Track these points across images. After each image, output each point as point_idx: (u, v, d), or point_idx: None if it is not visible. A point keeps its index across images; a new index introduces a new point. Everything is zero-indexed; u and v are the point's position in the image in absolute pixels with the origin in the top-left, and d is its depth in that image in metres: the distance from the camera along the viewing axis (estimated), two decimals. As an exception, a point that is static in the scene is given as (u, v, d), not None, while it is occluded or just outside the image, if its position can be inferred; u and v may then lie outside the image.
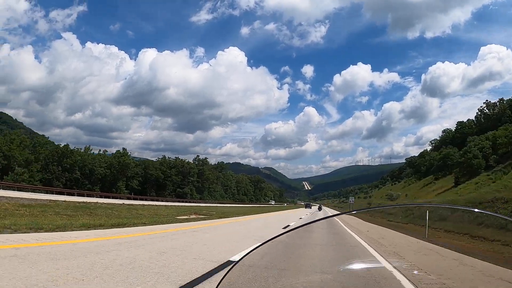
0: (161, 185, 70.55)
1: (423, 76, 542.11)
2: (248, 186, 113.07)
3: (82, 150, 60.60)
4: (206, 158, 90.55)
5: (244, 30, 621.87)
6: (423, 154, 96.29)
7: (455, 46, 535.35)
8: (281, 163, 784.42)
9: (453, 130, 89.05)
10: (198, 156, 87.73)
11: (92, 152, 62.59)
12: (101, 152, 65.69)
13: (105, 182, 59.50)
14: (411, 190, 79.01)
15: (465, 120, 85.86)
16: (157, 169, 70.48)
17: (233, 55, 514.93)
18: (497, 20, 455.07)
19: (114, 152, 67.26)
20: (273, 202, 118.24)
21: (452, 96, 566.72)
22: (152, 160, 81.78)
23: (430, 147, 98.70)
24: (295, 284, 3.03)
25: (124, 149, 66.63)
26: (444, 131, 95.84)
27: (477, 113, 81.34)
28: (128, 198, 46.05)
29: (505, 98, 74.00)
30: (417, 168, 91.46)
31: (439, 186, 66.47)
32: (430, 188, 69.82)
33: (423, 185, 76.91)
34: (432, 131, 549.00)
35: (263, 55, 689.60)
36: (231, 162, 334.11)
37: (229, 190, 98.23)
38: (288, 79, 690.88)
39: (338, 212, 19.81)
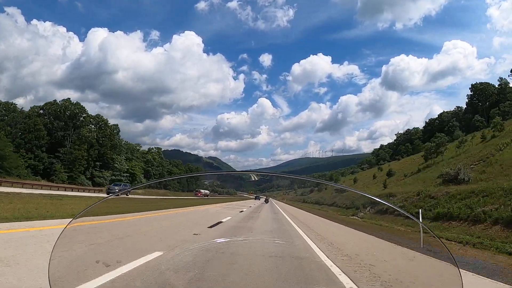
0: None
1: (384, 68, 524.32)
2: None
3: None
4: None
5: (201, 6, 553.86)
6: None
7: (420, 41, 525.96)
8: (231, 155, 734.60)
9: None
10: None
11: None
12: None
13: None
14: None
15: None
16: None
17: (190, 40, 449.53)
18: (465, 18, 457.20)
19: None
20: None
21: (411, 91, 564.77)
22: None
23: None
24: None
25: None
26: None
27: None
28: None
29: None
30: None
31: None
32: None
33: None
34: (387, 126, 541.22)
35: (221, 43, 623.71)
36: (169, 149, 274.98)
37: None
38: (245, 67, 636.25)
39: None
